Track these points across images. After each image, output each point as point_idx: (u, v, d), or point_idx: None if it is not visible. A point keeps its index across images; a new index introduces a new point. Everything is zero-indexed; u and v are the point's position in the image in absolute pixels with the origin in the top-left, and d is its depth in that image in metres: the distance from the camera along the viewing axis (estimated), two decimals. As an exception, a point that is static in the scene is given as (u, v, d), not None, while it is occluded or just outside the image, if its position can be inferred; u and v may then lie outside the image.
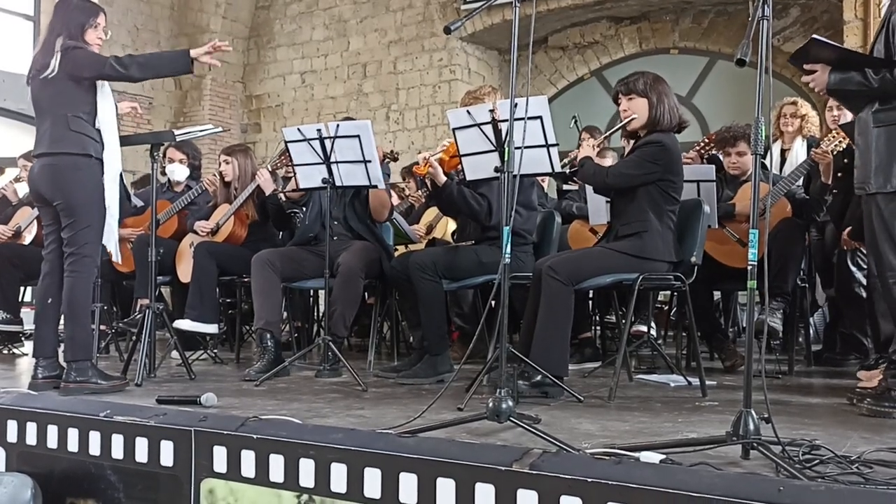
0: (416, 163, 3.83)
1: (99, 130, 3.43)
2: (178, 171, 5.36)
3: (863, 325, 4.15)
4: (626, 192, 3.43)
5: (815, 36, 2.83)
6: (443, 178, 3.74)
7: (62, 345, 3.45)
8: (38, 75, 3.43)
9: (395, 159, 4.62)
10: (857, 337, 4.29)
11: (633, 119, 3.46)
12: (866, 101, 2.87)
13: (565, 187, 5.20)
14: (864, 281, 4.05)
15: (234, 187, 4.90)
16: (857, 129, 2.96)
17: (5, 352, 5.08)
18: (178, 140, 4.26)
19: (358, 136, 3.79)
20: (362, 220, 4.32)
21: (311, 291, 5.20)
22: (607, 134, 4.18)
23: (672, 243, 3.39)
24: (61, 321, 3.56)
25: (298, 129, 3.92)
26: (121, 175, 3.53)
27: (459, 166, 3.67)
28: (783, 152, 4.71)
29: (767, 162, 4.28)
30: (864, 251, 4.03)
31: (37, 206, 3.61)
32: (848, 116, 4.15)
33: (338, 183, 3.93)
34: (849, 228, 3.82)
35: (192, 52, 3.51)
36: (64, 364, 3.39)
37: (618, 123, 3.59)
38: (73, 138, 3.37)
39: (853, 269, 4.09)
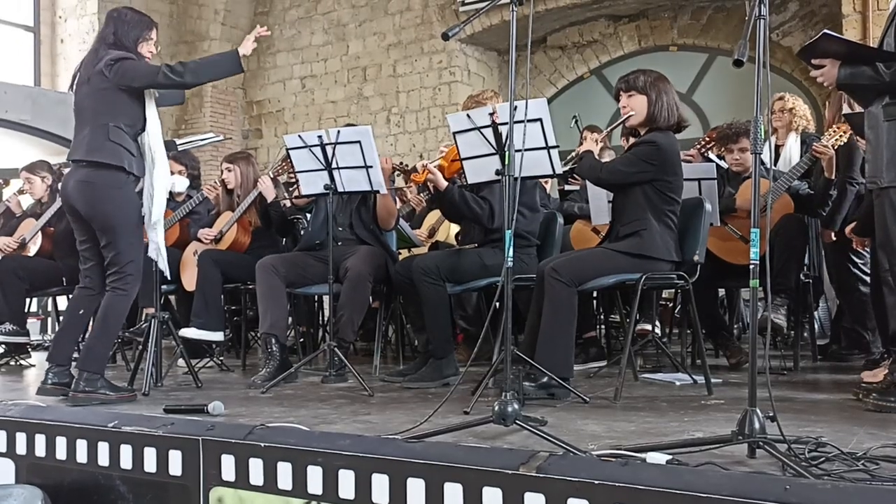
0: (415, 169, 3.84)
1: (137, 144, 3.42)
2: (179, 183, 5.35)
3: (863, 320, 4.15)
4: (624, 190, 3.44)
5: (826, 31, 2.80)
6: (443, 184, 3.75)
7: (76, 353, 3.44)
8: (84, 83, 3.41)
9: (405, 171, 4.59)
10: (858, 331, 4.28)
11: (630, 116, 3.46)
12: (876, 95, 2.85)
13: (567, 188, 5.20)
14: (862, 276, 4.04)
15: (237, 195, 4.92)
16: (866, 123, 2.94)
17: (12, 363, 5.09)
18: (179, 149, 4.27)
19: (359, 142, 3.79)
20: (368, 226, 4.32)
21: (316, 297, 5.20)
22: (609, 130, 4.18)
23: (673, 243, 3.39)
24: (83, 334, 3.54)
25: (300, 136, 3.91)
26: None
27: (461, 170, 3.68)
28: (777, 148, 4.71)
29: (764, 157, 4.27)
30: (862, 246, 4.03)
31: (70, 218, 3.55)
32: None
33: (340, 189, 3.94)
34: (852, 224, 3.81)
35: (241, 50, 3.49)
36: (74, 373, 3.38)
37: (617, 120, 3.60)
38: (110, 148, 3.34)
39: (851, 263, 4.08)
